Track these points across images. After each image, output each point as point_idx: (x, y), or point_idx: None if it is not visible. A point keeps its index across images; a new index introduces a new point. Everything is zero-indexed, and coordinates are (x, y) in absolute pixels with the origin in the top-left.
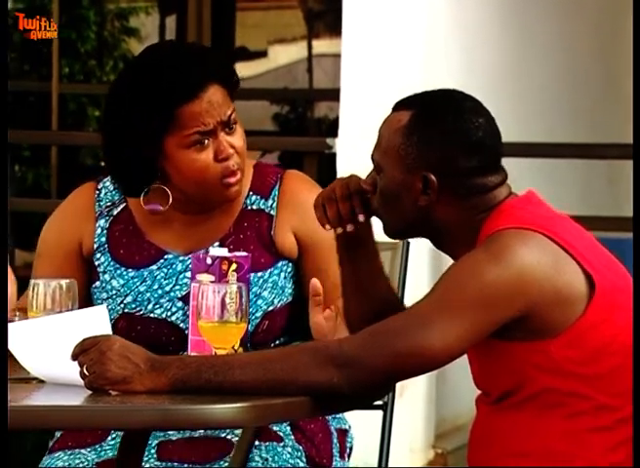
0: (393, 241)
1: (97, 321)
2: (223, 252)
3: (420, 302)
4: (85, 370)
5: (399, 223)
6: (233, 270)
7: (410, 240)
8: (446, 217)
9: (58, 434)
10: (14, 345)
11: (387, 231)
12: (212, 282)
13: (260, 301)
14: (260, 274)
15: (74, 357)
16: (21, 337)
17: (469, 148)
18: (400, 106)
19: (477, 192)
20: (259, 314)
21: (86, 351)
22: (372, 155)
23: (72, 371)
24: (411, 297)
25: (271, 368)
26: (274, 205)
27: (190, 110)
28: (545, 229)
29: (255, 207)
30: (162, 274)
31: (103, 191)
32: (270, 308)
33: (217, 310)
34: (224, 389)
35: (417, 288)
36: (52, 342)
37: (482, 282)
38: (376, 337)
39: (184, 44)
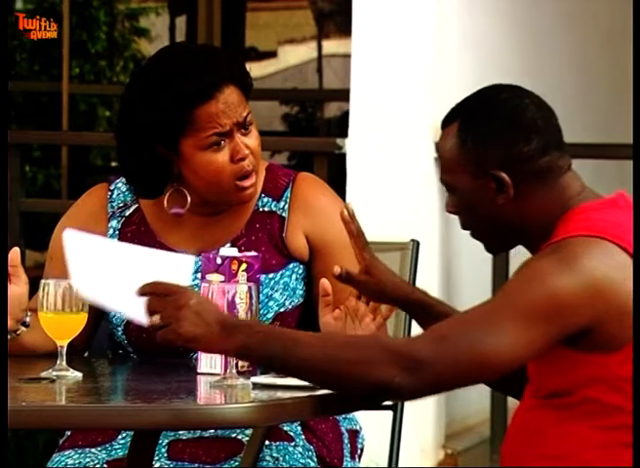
0: (402, 241)
1: (179, 268)
2: (233, 251)
3: (487, 305)
4: (156, 319)
5: (490, 233)
6: (243, 270)
7: (420, 240)
8: (528, 210)
9: (68, 432)
10: (75, 251)
11: (487, 247)
12: (221, 282)
13: (271, 303)
14: (271, 275)
15: (142, 293)
16: (94, 250)
17: (524, 131)
18: (445, 123)
19: (548, 174)
20: (270, 315)
21: (160, 297)
22: (441, 179)
23: (126, 301)
24: None
25: (337, 354)
26: (286, 207)
27: (206, 111)
28: (619, 238)
29: (266, 209)
30: None
31: (116, 192)
32: (281, 310)
33: (226, 310)
34: (287, 365)
35: (426, 288)
36: (124, 266)
37: (551, 291)
38: (444, 343)
39: (197, 45)
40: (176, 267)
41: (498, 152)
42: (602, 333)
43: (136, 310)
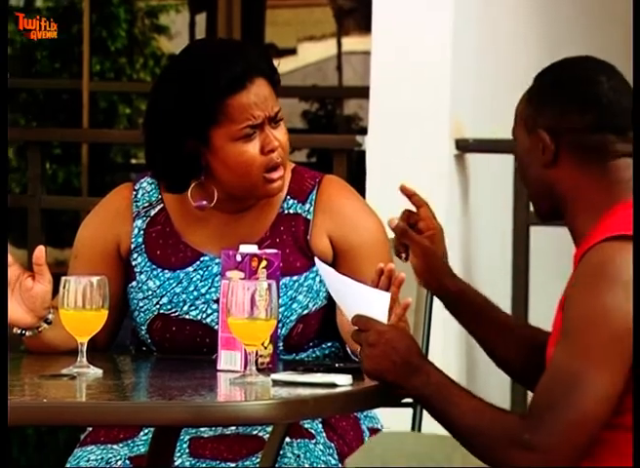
0: None
1: (377, 305)
2: (253, 248)
3: (561, 358)
4: (359, 352)
5: (536, 195)
6: (263, 267)
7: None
8: (569, 182)
9: (89, 427)
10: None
11: (536, 211)
12: (242, 279)
13: (294, 305)
14: (295, 278)
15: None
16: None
17: (582, 104)
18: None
19: (595, 153)
20: (293, 318)
21: (359, 331)
22: (512, 131)
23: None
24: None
25: (475, 431)
26: (311, 209)
27: (239, 102)
28: None
29: (291, 211)
30: (198, 276)
31: (140, 192)
32: (305, 312)
33: (246, 307)
34: (442, 421)
35: None
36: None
37: (609, 314)
38: (550, 424)
39: (227, 39)
40: (373, 302)
41: (550, 114)
42: None
43: None
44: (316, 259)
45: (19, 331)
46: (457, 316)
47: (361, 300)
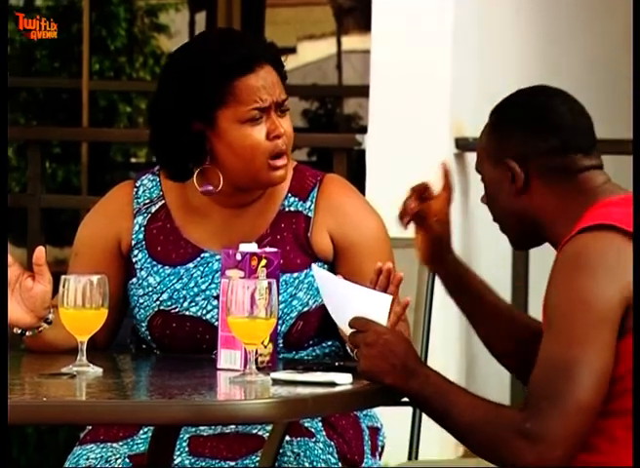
0: None
1: (377, 307)
2: (253, 247)
3: (549, 348)
4: (356, 353)
5: (511, 226)
6: (263, 266)
7: None
8: (542, 205)
9: (89, 426)
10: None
11: (510, 241)
12: (241, 278)
13: (295, 302)
14: (295, 275)
15: (350, 326)
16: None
17: (545, 129)
18: (489, 116)
19: (563, 172)
20: (293, 315)
21: (358, 333)
22: (475, 167)
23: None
24: (439, 294)
25: (478, 428)
26: (312, 207)
27: (247, 84)
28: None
29: (292, 208)
30: (198, 272)
31: (141, 189)
32: (305, 309)
33: (246, 306)
34: (443, 423)
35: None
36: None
37: (587, 297)
38: (549, 413)
39: (237, 30)
40: (374, 305)
41: (515, 143)
42: (626, 318)
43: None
44: (313, 265)
45: (19, 331)
46: (454, 298)
47: (362, 303)
